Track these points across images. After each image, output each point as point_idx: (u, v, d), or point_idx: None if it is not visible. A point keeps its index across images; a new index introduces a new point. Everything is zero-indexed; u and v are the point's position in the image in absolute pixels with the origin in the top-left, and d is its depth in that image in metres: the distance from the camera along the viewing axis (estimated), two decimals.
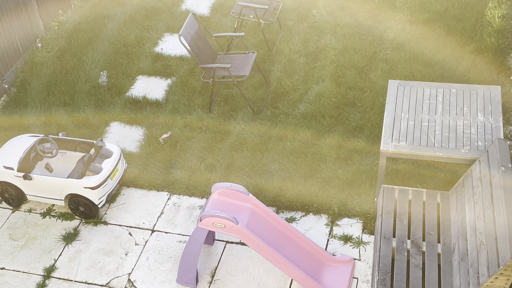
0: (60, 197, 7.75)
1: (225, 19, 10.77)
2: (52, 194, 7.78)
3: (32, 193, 7.87)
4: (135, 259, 7.42)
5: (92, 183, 7.53)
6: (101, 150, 7.90)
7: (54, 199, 7.82)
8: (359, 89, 9.22)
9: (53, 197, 7.80)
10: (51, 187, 7.71)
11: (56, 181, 7.64)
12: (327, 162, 8.22)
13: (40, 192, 7.82)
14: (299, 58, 9.85)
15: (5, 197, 8.02)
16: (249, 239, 6.52)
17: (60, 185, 7.65)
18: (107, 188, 7.70)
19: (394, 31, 10.13)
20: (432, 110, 7.19)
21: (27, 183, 7.78)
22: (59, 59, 10.20)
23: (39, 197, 7.89)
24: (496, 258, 5.49)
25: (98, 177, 7.58)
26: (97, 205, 7.71)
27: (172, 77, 9.79)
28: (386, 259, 6.37)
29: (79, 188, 7.58)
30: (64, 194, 7.70)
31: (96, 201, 7.63)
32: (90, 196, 7.59)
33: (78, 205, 7.74)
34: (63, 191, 7.67)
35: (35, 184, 7.76)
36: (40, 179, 7.70)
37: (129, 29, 10.72)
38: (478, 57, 9.48)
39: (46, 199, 7.87)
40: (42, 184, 7.72)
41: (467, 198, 6.46)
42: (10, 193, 7.94)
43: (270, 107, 9.10)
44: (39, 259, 7.50)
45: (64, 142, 8.13)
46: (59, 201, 7.80)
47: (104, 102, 9.42)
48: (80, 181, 7.55)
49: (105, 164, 7.74)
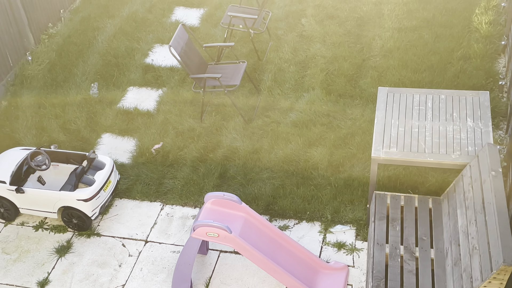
0: (53, 210, 7.74)
1: (215, 29, 10.81)
2: (45, 207, 7.76)
3: (25, 206, 7.85)
4: (129, 271, 7.41)
5: (85, 195, 7.52)
6: (94, 162, 7.90)
7: (47, 212, 7.80)
8: (349, 97, 9.27)
9: (46, 210, 7.78)
10: (44, 200, 7.69)
11: (49, 194, 7.63)
12: (319, 170, 8.25)
13: (33, 205, 7.80)
14: (289, 66, 9.90)
15: (0, 213, 7.96)
16: (242, 248, 6.53)
17: (53, 198, 7.63)
18: (100, 200, 7.69)
19: (383, 38, 10.21)
20: (422, 116, 7.25)
21: (20, 196, 7.75)
22: (49, 72, 10.20)
23: (32, 210, 7.87)
24: (489, 263, 5.53)
25: (91, 189, 7.58)
26: (90, 217, 7.70)
27: (163, 88, 9.81)
28: (380, 265, 6.40)
29: (72, 200, 7.56)
30: (57, 207, 7.68)
31: (89, 213, 7.62)
32: (83, 208, 7.58)
33: (71, 217, 7.73)
34: (56, 203, 7.65)
35: (28, 197, 7.73)
36: (32, 192, 7.68)
37: (119, 40, 10.74)
38: (466, 63, 9.56)
39: (39, 212, 7.84)
40: (35, 197, 7.70)
41: (458, 203, 6.50)
42: (6, 207, 7.89)
43: (261, 116, 9.14)
44: (32, 272, 7.48)
45: (56, 155, 8.12)
46: (52, 213, 7.79)
47: (95, 114, 9.42)
48: (73, 193, 7.54)
49: (98, 176, 7.73)
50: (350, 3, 11.10)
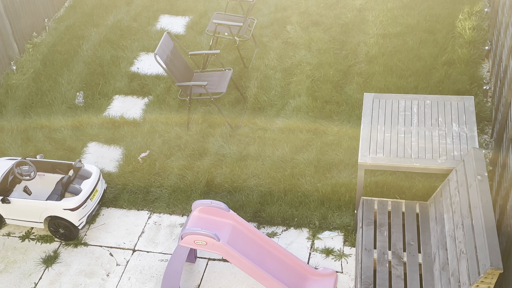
0: (40, 220, 7.68)
1: (200, 37, 10.82)
2: (31, 217, 7.70)
3: (11, 216, 7.79)
4: (116, 280, 7.36)
5: (72, 204, 7.48)
6: (80, 171, 7.86)
7: (34, 222, 7.74)
8: (335, 103, 9.30)
9: (33, 220, 7.72)
10: (30, 210, 7.63)
11: (35, 204, 7.57)
12: (306, 176, 8.26)
13: (19, 216, 7.74)
14: (275, 73, 9.92)
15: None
16: (231, 256, 6.52)
17: (39, 208, 7.58)
18: (87, 209, 7.65)
19: (368, 44, 10.26)
20: (408, 122, 7.29)
21: (5, 207, 7.69)
22: (34, 81, 10.14)
23: (18, 221, 7.80)
24: (476, 266, 5.56)
25: (77, 198, 7.54)
26: (77, 227, 7.66)
27: (149, 96, 9.79)
28: (368, 270, 6.42)
29: (58, 210, 7.52)
30: (44, 217, 7.63)
31: (76, 223, 7.58)
32: (70, 217, 7.53)
33: (58, 227, 7.68)
34: (42, 213, 7.60)
35: (14, 207, 7.67)
36: (18, 202, 7.62)
37: (104, 49, 10.71)
38: (450, 68, 9.63)
39: (25, 222, 7.78)
40: (21, 207, 7.64)
41: (445, 208, 6.54)
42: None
43: (248, 123, 9.14)
44: (19, 283, 7.41)
45: (42, 164, 8.07)
46: (39, 223, 7.73)
47: (81, 123, 9.38)
48: (59, 203, 7.50)
49: (84, 185, 7.70)
50: (335, 9, 11.15)
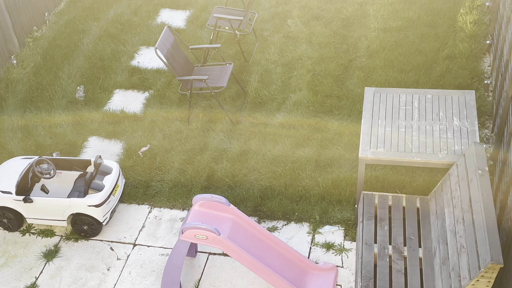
0: (63, 218, 7.59)
1: (201, 31, 10.80)
2: (54, 215, 7.60)
3: (33, 216, 7.67)
4: (117, 274, 7.37)
5: (96, 200, 7.44)
6: (100, 167, 7.81)
7: (56, 220, 7.64)
8: (336, 97, 9.29)
9: (55, 218, 7.62)
10: (53, 208, 7.53)
11: (59, 202, 7.47)
12: (306, 171, 8.26)
13: (41, 214, 7.63)
14: (275, 68, 9.90)
15: (3, 223, 7.81)
16: (231, 250, 6.52)
17: (63, 206, 7.49)
18: (111, 204, 7.62)
19: (369, 39, 10.24)
20: (409, 116, 7.28)
21: (27, 206, 7.58)
22: (35, 75, 10.13)
23: (39, 220, 7.70)
24: (477, 261, 5.56)
25: (101, 194, 7.49)
26: (101, 223, 7.62)
27: (149, 90, 9.78)
28: (369, 265, 6.42)
29: (83, 207, 7.45)
30: (67, 214, 7.54)
31: (101, 219, 7.53)
32: (94, 214, 7.48)
33: (82, 224, 7.61)
34: (66, 211, 7.51)
35: (36, 206, 7.56)
36: (41, 201, 7.52)
37: (104, 43, 10.69)
38: (451, 62, 9.61)
39: (48, 221, 7.68)
40: (44, 206, 7.54)
41: (446, 202, 6.53)
42: (9, 218, 7.74)
43: (249, 117, 9.13)
44: (19, 277, 7.42)
45: (59, 162, 7.99)
46: (62, 221, 7.63)
47: (81, 117, 9.38)
48: (83, 199, 7.42)
49: (106, 181, 7.65)
50: (336, 3, 11.13)
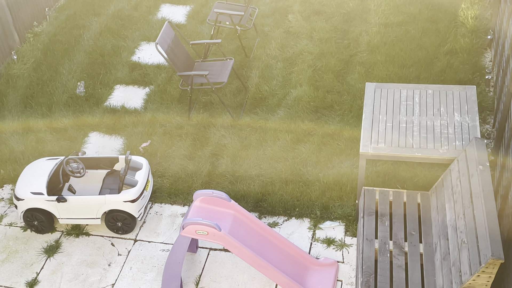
0: (97, 216, 7.55)
1: (202, 26, 10.78)
2: (88, 213, 7.55)
3: (65, 216, 7.60)
4: (118, 270, 7.38)
5: (131, 196, 7.42)
6: (130, 163, 7.76)
7: (90, 219, 7.60)
8: (336, 93, 9.28)
9: (89, 217, 7.58)
10: (88, 207, 7.49)
11: (93, 200, 7.43)
12: (307, 166, 8.25)
13: (75, 214, 7.57)
14: (276, 63, 9.89)
15: (34, 225, 7.73)
16: (232, 246, 6.52)
17: (98, 203, 7.45)
18: (145, 200, 7.61)
19: (370, 34, 10.22)
20: (410, 112, 7.27)
21: (60, 206, 7.53)
22: (35, 71, 10.12)
23: (73, 219, 7.63)
24: (478, 256, 5.56)
25: (135, 189, 7.47)
26: (136, 218, 7.62)
27: (150, 86, 9.77)
28: (369, 260, 6.42)
29: (118, 203, 7.43)
30: (102, 212, 7.50)
31: (136, 214, 7.52)
32: (130, 209, 7.46)
33: (116, 220, 7.59)
34: (100, 208, 7.48)
35: (70, 206, 7.51)
36: (75, 199, 7.46)
37: (105, 38, 10.68)
38: (453, 57, 9.59)
39: (81, 220, 7.63)
40: (77, 204, 7.49)
41: (447, 198, 6.53)
42: (40, 220, 7.67)
43: (249, 113, 9.12)
44: (21, 273, 7.43)
45: (85, 161, 7.96)
46: (95, 220, 7.60)
47: (82, 113, 9.37)
48: (119, 196, 7.40)
49: (138, 176, 7.63)
50: None
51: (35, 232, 7.81)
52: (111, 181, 7.77)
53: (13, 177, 8.50)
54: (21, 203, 7.55)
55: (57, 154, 8.72)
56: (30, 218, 7.66)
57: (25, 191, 7.55)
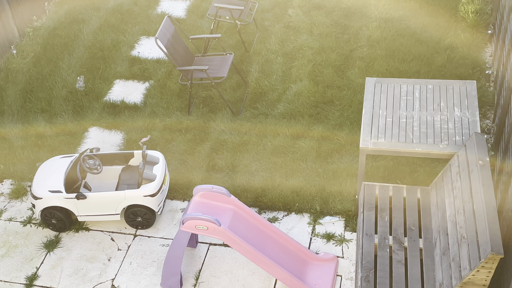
0: (117, 212, 7.51)
1: (201, 21, 10.76)
2: (107, 210, 7.50)
3: (85, 213, 7.54)
4: (118, 265, 7.38)
5: (151, 190, 7.40)
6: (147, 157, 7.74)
7: (109, 215, 7.55)
8: (336, 88, 9.26)
9: (109, 213, 7.53)
10: (107, 203, 7.44)
11: (113, 195, 7.38)
12: (307, 161, 8.25)
13: (94, 210, 7.51)
14: (276, 58, 9.87)
15: (52, 224, 7.67)
16: (232, 241, 6.52)
17: (118, 199, 7.41)
18: (163, 194, 7.60)
19: (370, 28, 10.20)
20: (410, 106, 7.26)
21: (80, 203, 7.47)
22: (35, 66, 10.11)
23: (92, 216, 7.58)
24: (477, 251, 5.56)
25: (155, 183, 7.45)
26: (156, 212, 7.61)
27: (149, 81, 9.76)
28: (369, 255, 6.42)
29: (138, 198, 7.40)
30: (121, 207, 7.46)
31: (156, 208, 7.51)
32: (150, 204, 7.44)
33: (136, 216, 7.56)
34: (120, 204, 7.43)
35: (89, 202, 7.45)
36: (94, 196, 7.41)
37: (104, 33, 10.66)
38: (453, 52, 9.58)
39: (100, 217, 7.58)
40: (97, 201, 7.43)
41: (446, 193, 6.52)
42: (58, 218, 7.61)
43: (249, 108, 9.11)
44: (20, 267, 7.43)
45: (100, 157, 7.90)
46: (115, 215, 7.55)
47: (82, 108, 9.36)
48: (139, 190, 7.37)
49: (156, 171, 7.61)
50: None
51: (53, 230, 7.74)
52: (128, 177, 7.73)
53: (13, 172, 8.49)
54: (39, 202, 7.47)
55: (57, 149, 8.71)
56: (48, 216, 7.60)
57: (43, 189, 7.48)
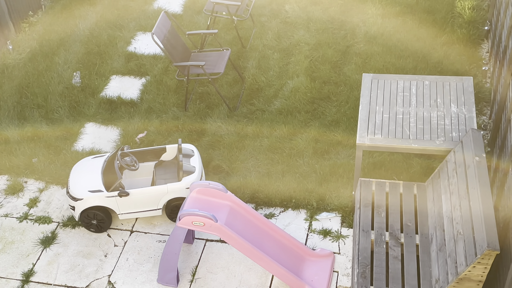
0: (159, 207, 7.47)
1: (198, 16, 10.74)
2: (149, 205, 7.45)
3: (126, 210, 7.48)
4: (114, 261, 7.38)
5: (192, 182, 7.32)
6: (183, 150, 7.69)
7: (151, 210, 7.50)
8: (333, 84, 9.26)
9: (151, 209, 7.48)
10: (149, 198, 7.39)
11: (156, 190, 7.33)
12: (304, 157, 8.25)
13: (135, 207, 7.46)
14: (273, 54, 9.86)
15: (92, 224, 7.59)
16: (228, 237, 6.52)
17: (160, 193, 7.36)
18: None
19: (367, 24, 10.19)
20: (406, 103, 7.26)
21: (122, 201, 7.40)
22: (31, 61, 10.08)
23: (133, 213, 7.52)
24: (473, 247, 5.57)
25: (195, 175, 7.43)
26: None
27: (146, 76, 9.74)
28: (365, 251, 6.43)
29: (181, 190, 7.36)
30: (164, 202, 7.42)
31: None
32: None
33: (178, 209, 7.51)
34: (163, 198, 7.39)
35: (132, 199, 7.39)
36: (137, 192, 7.34)
37: (101, 28, 10.63)
38: (450, 48, 9.58)
39: (142, 213, 7.52)
40: (139, 197, 7.37)
41: (443, 189, 6.53)
42: (99, 218, 7.52)
43: (246, 104, 9.11)
44: (17, 263, 7.42)
45: (133, 155, 7.84)
46: (157, 211, 7.51)
47: (78, 103, 9.34)
48: (181, 183, 7.33)
49: (193, 163, 7.57)
50: None
51: (94, 231, 7.66)
52: (162, 172, 7.67)
53: (8, 168, 8.48)
54: (79, 203, 7.38)
55: (53, 145, 8.70)
56: (88, 218, 7.52)
57: (83, 190, 7.39)
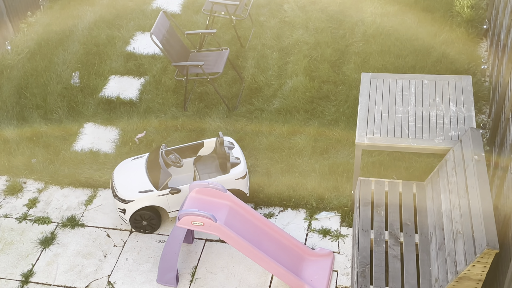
0: None
1: (197, 16, 10.73)
2: None
3: (176, 208, 7.45)
4: (114, 261, 7.38)
5: (241, 173, 7.38)
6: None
7: None
8: (332, 83, 9.26)
9: None
10: None
11: None
12: (303, 157, 8.25)
13: None
14: (272, 53, 9.86)
15: (143, 226, 7.53)
16: (228, 236, 6.52)
17: None
18: (248, 175, 7.57)
19: (365, 24, 10.19)
20: (405, 102, 7.26)
21: (173, 198, 7.36)
22: (29, 61, 10.07)
23: None
24: (473, 246, 5.57)
25: (242, 166, 7.45)
26: (246, 194, 7.58)
27: (145, 76, 9.73)
28: (365, 251, 6.43)
29: (231, 182, 7.38)
30: None
31: (246, 190, 7.52)
32: (241, 186, 7.45)
33: None
34: None
35: (181, 196, 7.36)
36: (188, 188, 7.30)
37: (99, 28, 10.62)
38: (448, 47, 9.58)
39: None
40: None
41: (442, 188, 6.53)
42: (150, 217, 7.46)
43: (245, 103, 9.10)
44: (16, 264, 7.42)
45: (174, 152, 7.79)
46: None
47: (77, 104, 9.33)
48: (230, 175, 7.35)
49: (236, 154, 7.59)
50: None
51: (144, 232, 7.59)
52: (203, 166, 7.66)
53: (8, 168, 8.47)
54: (131, 205, 7.32)
55: (52, 145, 8.69)
56: (138, 219, 7.47)
57: (132, 192, 7.33)
